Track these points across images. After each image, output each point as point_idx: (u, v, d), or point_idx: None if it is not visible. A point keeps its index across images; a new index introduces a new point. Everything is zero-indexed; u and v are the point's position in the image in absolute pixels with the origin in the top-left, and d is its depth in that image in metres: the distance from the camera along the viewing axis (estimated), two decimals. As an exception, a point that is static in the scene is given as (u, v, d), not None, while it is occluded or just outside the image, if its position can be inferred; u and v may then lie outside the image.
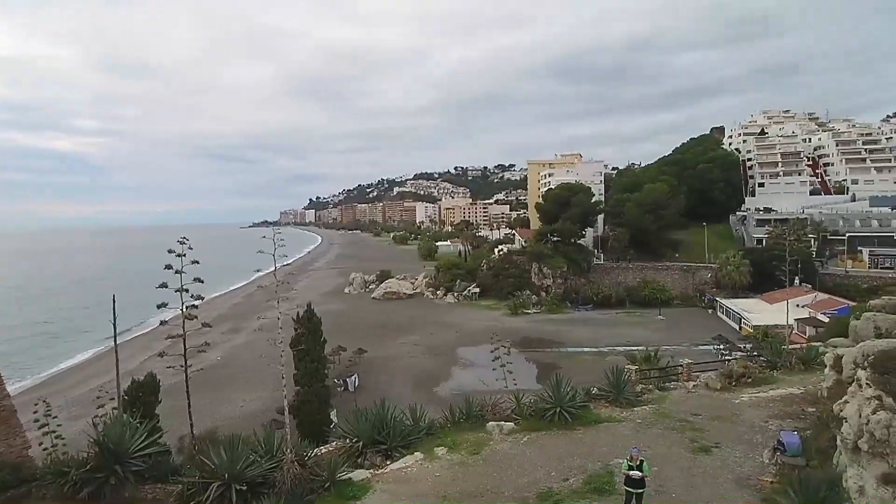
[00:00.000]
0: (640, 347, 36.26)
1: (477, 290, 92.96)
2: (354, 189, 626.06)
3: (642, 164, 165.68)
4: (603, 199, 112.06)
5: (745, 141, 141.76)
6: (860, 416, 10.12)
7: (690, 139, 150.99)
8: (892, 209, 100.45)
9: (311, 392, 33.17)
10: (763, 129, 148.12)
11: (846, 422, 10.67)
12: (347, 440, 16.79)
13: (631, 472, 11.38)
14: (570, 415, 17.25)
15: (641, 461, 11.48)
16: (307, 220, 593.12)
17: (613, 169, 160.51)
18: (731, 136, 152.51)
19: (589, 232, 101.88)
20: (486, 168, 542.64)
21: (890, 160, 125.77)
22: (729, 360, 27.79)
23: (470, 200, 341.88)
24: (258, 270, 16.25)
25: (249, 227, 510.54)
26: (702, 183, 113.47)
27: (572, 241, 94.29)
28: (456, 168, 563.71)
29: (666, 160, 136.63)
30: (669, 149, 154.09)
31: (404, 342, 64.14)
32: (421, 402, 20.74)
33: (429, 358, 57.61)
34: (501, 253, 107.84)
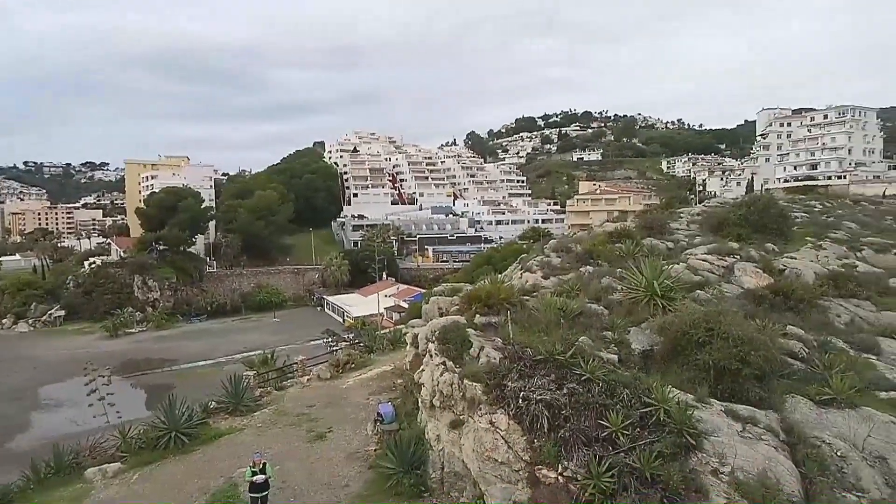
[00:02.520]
0: (257, 352, 36.08)
1: (62, 312, 76.16)
2: None
3: (253, 171, 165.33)
4: (214, 205, 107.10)
5: (341, 156, 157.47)
6: (433, 379, 12.47)
7: (297, 150, 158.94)
8: (446, 216, 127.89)
9: None
10: (355, 148, 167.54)
11: (424, 386, 13.03)
12: None
13: (255, 478, 11.28)
14: (187, 436, 15.94)
15: (264, 464, 11.51)
16: None
17: (224, 174, 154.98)
18: (330, 151, 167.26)
19: (200, 239, 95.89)
20: (69, 165, 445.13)
21: (444, 179, 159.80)
22: (336, 351, 30.45)
23: (48, 204, 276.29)
24: None
25: None
26: (308, 191, 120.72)
27: (182, 249, 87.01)
28: (27, 163, 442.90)
29: (275, 168, 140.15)
30: (278, 158, 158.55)
31: (-50, 392, 47.51)
32: (-18, 466, 15.80)
33: (-7, 406, 44.19)
34: (94, 266, 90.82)
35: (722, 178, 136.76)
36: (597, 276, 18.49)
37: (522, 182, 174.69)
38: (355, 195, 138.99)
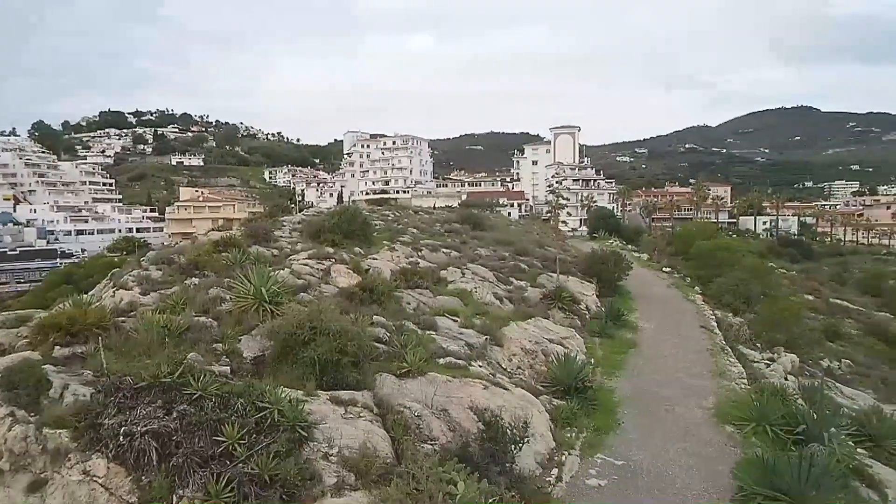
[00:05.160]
0: None
1: None
2: None
3: None
4: None
5: None
6: (-7, 439, 9.55)
7: None
8: (3, 225, 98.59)
9: None
10: None
11: (-23, 452, 9.82)
12: None
13: None
14: None
15: None
16: None
17: None
18: None
19: None
20: None
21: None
22: None
23: None
24: None
25: None
26: None
27: None
28: None
29: None
30: None
31: None
32: None
33: None
34: None
35: (318, 190, 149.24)
36: (204, 287, 17.50)
37: (111, 185, 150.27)
38: None
